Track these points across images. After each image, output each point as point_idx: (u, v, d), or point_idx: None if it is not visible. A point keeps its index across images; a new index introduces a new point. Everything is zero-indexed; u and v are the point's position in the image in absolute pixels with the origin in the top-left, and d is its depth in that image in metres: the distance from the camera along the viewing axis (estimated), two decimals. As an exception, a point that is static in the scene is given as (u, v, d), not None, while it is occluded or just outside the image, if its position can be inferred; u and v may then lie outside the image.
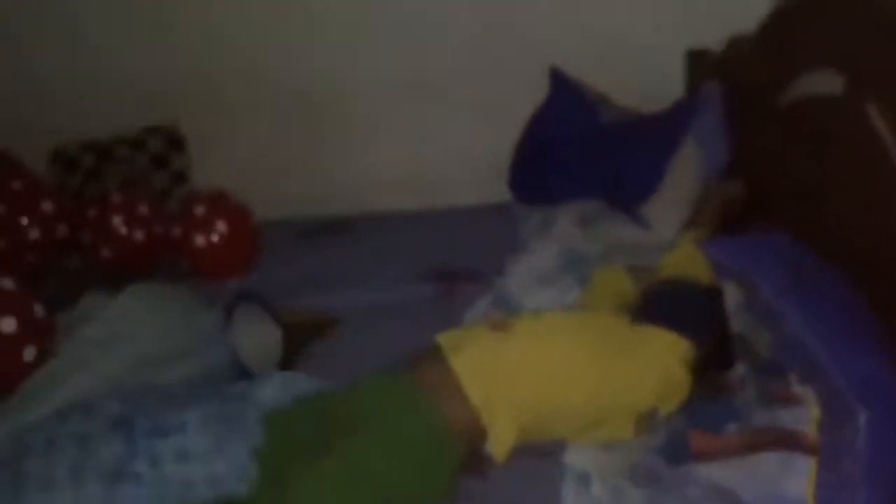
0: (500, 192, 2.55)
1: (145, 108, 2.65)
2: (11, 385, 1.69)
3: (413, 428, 1.40)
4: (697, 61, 2.44)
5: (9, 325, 1.69)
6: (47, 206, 2.33)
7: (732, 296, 1.53)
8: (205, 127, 2.68)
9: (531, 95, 2.47)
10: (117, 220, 2.31)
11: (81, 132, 2.62)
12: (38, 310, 1.78)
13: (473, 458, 1.45)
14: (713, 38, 2.36)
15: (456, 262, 2.28)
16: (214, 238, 2.25)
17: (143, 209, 2.36)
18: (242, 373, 1.83)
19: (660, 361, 1.46)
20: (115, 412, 1.47)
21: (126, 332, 1.84)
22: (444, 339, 1.53)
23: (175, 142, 2.66)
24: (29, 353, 1.73)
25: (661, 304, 1.54)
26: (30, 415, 1.60)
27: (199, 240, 2.24)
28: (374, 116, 2.69)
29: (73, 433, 1.43)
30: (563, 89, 2.45)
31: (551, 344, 1.48)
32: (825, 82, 1.67)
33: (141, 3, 2.53)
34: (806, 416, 1.33)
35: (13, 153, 2.54)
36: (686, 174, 2.18)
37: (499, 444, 1.43)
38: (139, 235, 2.32)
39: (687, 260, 1.60)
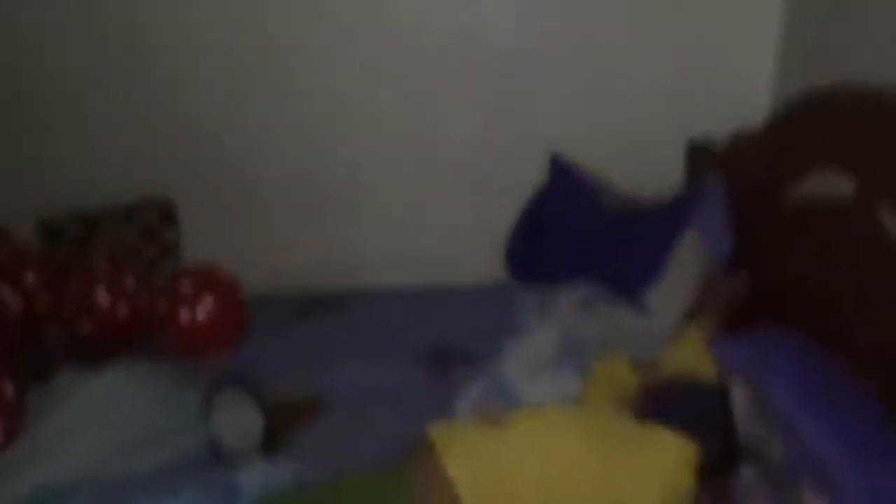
0: (497, 271, 2.51)
1: (138, 179, 2.61)
2: (-26, 468, 1.60)
3: None
4: (698, 153, 2.43)
5: (-25, 406, 1.60)
6: (30, 276, 2.25)
7: (740, 396, 1.46)
8: (198, 201, 2.64)
9: (531, 177, 2.46)
10: (101, 292, 2.23)
11: (71, 202, 2.57)
12: (8, 390, 1.70)
13: None
14: (713, 128, 2.37)
15: (451, 344, 2.22)
16: (200, 314, 2.18)
17: (130, 281, 2.29)
18: (221, 458, 1.74)
19: (665, 466, 1.38)
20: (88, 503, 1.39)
21: (101, 417, 1.77)
22: (436, 434, 1.46)
23: (167, 214, 2.61)
24: (-5, 435, 1.63)
25: (666, 405, 1.47)
26: (-3, 500, 1.52)
27: (185, 315, 2.17)
28: (371, 193, 2.67)
29: None
30: (563, 176, 2.44)
31: (551, 444, 1.41)
32: (835, 183, 1.64)
33: (139, 77, 2.51)
34: (822, 530, 1.25)
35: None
36: (688, 263, 2.13)
37: None
38: (123, 309, 2.25)
39: (692, 356, 1.54)
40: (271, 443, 1.79)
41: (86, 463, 1.65)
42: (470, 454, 1.40)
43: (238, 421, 1.79)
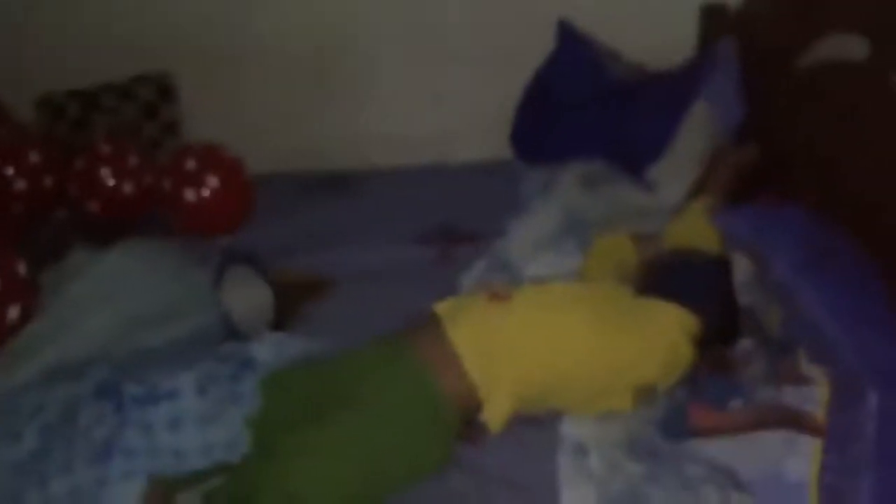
0: (502, 147, 2.48)
1: (136, 56, 2.55)
2: (-5, 345, 1.66)
3: (410, 400, 1.38)
4: (712, 17, 2.34)
5: (-9, 285, 1.64)
6: (34, 156, 2.25)
7: (742, 267, 1.49)
8: (198, 77, 2.59)
9: (536, 49, 2.38)
10: (105, 172, 2.24)
11: (69, 80, 2.52)
12: (21, 268, 1.74)
13: (468, 426, 1.43)
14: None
15: (455, 222, 2.23)
16: (205, 193, 2.18)
17: (133, 160, 2.29)
18: (232, 334, 1.79)
19: (665, 336, 1.43)
20: (104, 376, 1.45)
21: (114, 292, 1.80)
22: (442, 309, 1.50)
23: (166, 91, 2.57)
24: (13, 313, 1.69)
25: (667, 277, 1.49)
26: (16, 376, 1.57)
27: (190, 194, 2.17)
28: (375, 70, 2.61)
29: (62, 398, 1.42)
30: (571, 43, 2.36)
31: (552, 316, 1.44)
32: (849, 47, 1.59)
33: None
34: (814, 397, 1.30)
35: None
36: (697, 136, 2.10)
37: (495, 415, 1.41)
38: (128, 188, 2.26)
39: (694, 228, 1.54)
40: (280, 319, 1.84)
41: (101, 338, 1.69)
42: (472, 324, 1.44)
43: (248, 297, 1.83)
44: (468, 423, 1.42)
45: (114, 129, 2.47)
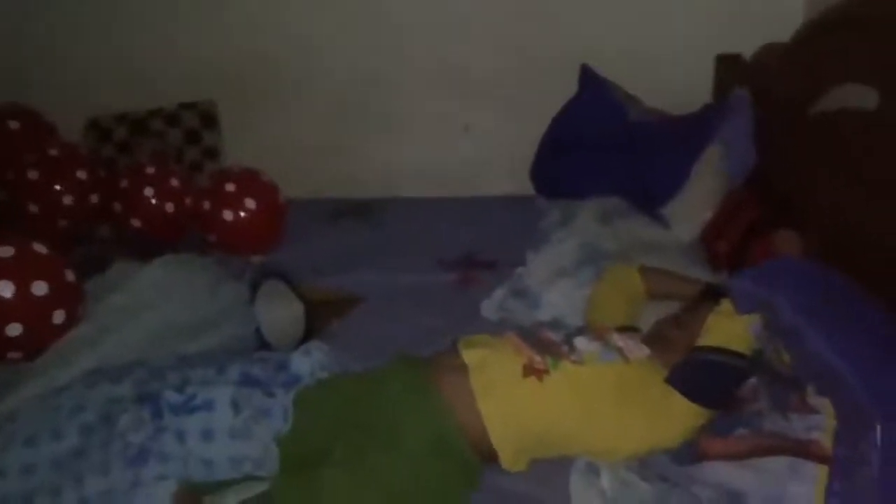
0: (524, 184, 2.57)
1: (183, 84, 2.69)
2: (41, 347, 1.75)
3: (434, 442, 1.42)
4: (727, 66, 2.43)
5: (40, 288, 1.73)
6: (81, 174, 2.37)
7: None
8: (239, 106, 2.72)
9: (560, 91, 2.48)
10: (149, 191, 2.35)
11: (119, 104, 2.67)
12: (69, 275, 1.83)
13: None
14: (744, 44, 2.37)
15: (477, 250, 2.32)
16: (243, 214, 2.29)
17: (175, 182, 2.40)
18: (264, 346, 1.87)
19: (681, 430, 1.48)
20: (143, 379, 1.50)
21: (153, 301, 1.89)
22: (471, 359, 1.51)
23: (208, 118, 2.70)
24: (58, 317, 1.77)
25: (698, 374, 1.51)
26: (59, 376, 1.65)
27: (228, 215, 2.28)
28: (405, 104, 2.72)
29: (101, 400, 1.46)
30: (593, 87, 2.45)
31: (584, 403, 1.47)
32: (859, 96, 1.67)
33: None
34: (821, 425, 1.34)
35: (50, 121, 2.59)
36: (710, 177, 2.19)
37: (511, 468, 1.47)
38: (169, 207, 2.37)
39: (734, 332, 1.58)
40: (309, 334, 1.90)
41: (141, 344, 1.78)
42: (504, 400, 1.44)
43: (280, 311, 1.91)
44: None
45: (158, 153, 2.59)
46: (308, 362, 1.57)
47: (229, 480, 1.43)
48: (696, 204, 2.18)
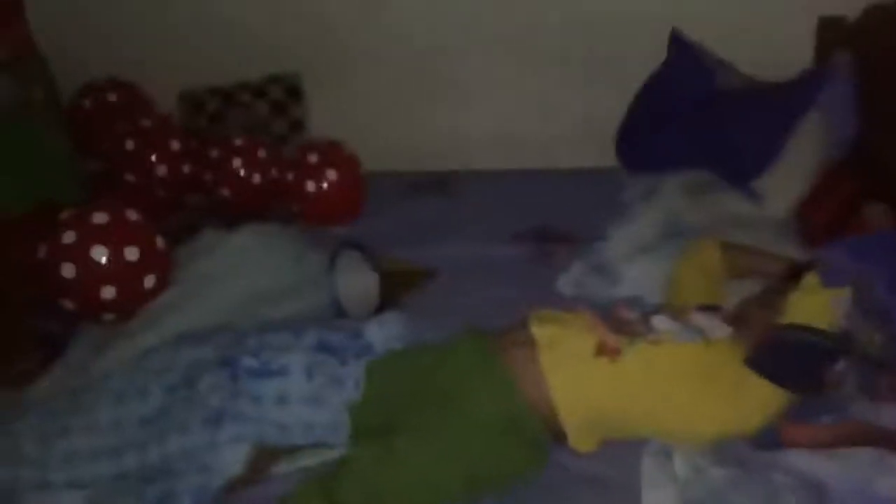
0: (607, 155, 2.50)
1: (269, 57, 2.74)
2: (133, 310, 1.85)
3: (502, 416, 1.41)
4: (830, 29, 2.29)
5: (132, 254, 1.82)
6: (174, 144, 2.47)
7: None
8: (322, 78, 2.75)
9: (646, 57, 2.39)
10: (237, 162, 2.42)
11: (208, 78, 2.75)
12: (160, 242, 1.91)
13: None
14: (848, 6, 2.20)
15: (552, 225, 2.28)
16: (324, 185, 2.33)
17: (262, 153, 2.47)
18: (341, 315, 1.91)
19: (760, 415, 1.41)
20: (224, 343, 1.56)
21: (238, 269, 1.97)
22: (541, 336, 1.48)
23: (294, 91, 2.75)
24: (149, 282, 1.86)
25: (782, 355, 1.43)
26: (148, 338, 1.74)
27: (311, 186, 2.32)
28: (484, 79, 2.69)
29: (185, 362, 1.53)
30: (682, 52, 2.35)
31: (659, 386, 1.42)
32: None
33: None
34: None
35: (144, 92, 2.70)
36: (808, 148, 2.06)
37: (580, 448, 1.45)
38: (256, 178, 2.44)
39: (817, 309, 1.48)
40: (383, 304, 1.93)
41: (224, 309, 1.85)
42: (575, 378, 1.42)
43: (356, 281, 1.94)
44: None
45: (246, 125, 2.67)
46: (382, 333, 1.59)
47: (302, 446, 1.48)
48: (791, 177, 2.06)
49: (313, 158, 2.35)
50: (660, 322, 1.50)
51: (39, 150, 2.32)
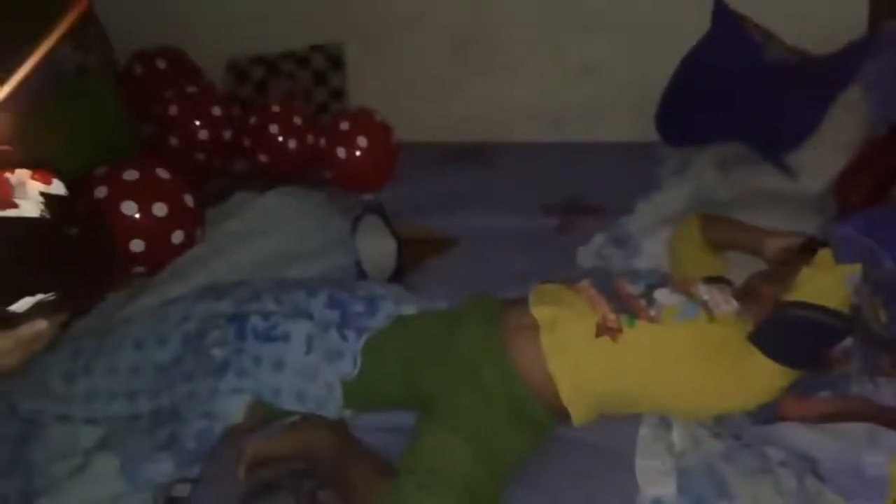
0: (646, 128, 2.43)
1: (312, 27, 2.79)
2: (161, 264, 1.92)
3: (501, 398, 1.41)
4: (882, 1, 2.16)
5: (161, 209, 1.90)
6: (216, 110, 2.55)
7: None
8: (366, 48, 2.78)
9: (688, 27, 2.32)
10: (274, 128, 2.48)
11: (253, 47, 2.82)
12: (188, 199, 1.98)
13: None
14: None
15: (582, 197, 2.26)
16: (356, 152, 2.36)
17: (298, 120, 2.52)
18: (362, 277, 1.95)
19: (763, 393, 1.37)
20: (243, 298, 1.61)
21: (264, 229, 2.02)
22: (542, 315, 1.46)
23: (335, 60, 2.79)
24: (177, 237, 1.93)
25: (787, 332, 1.39)
26: (174, 289, 1.81)
27: (341, 152, 2.36)
28: (522, 52, 2.66)
29: (202, 314, 1.59)
30: (726, 23, 2.27)
31: (660, 367, 1.39)
32: None
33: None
34: (911, 393, 1.22)
35: (192, 60, 2.79)
36: (848, 122, 1.97)
37: (581, 422, 1.44)
38: (292, 144, 2.49)
39: (828, 286, 1.42)
40: (402, 269, 1.96)
41: (248, 267, 1.91)
42: (575, 359, 1.42)
43: (375, 245, 1.97)
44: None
45: (289, 93, 2.72)
46: (391, 299, 1.61)
47: (292, 412, 1.50)
48: (828, 151, 1.97)
49: (345, 126, 2.39)
50: (663, 296, 1.47)
51: (97, 113, 2.43)
